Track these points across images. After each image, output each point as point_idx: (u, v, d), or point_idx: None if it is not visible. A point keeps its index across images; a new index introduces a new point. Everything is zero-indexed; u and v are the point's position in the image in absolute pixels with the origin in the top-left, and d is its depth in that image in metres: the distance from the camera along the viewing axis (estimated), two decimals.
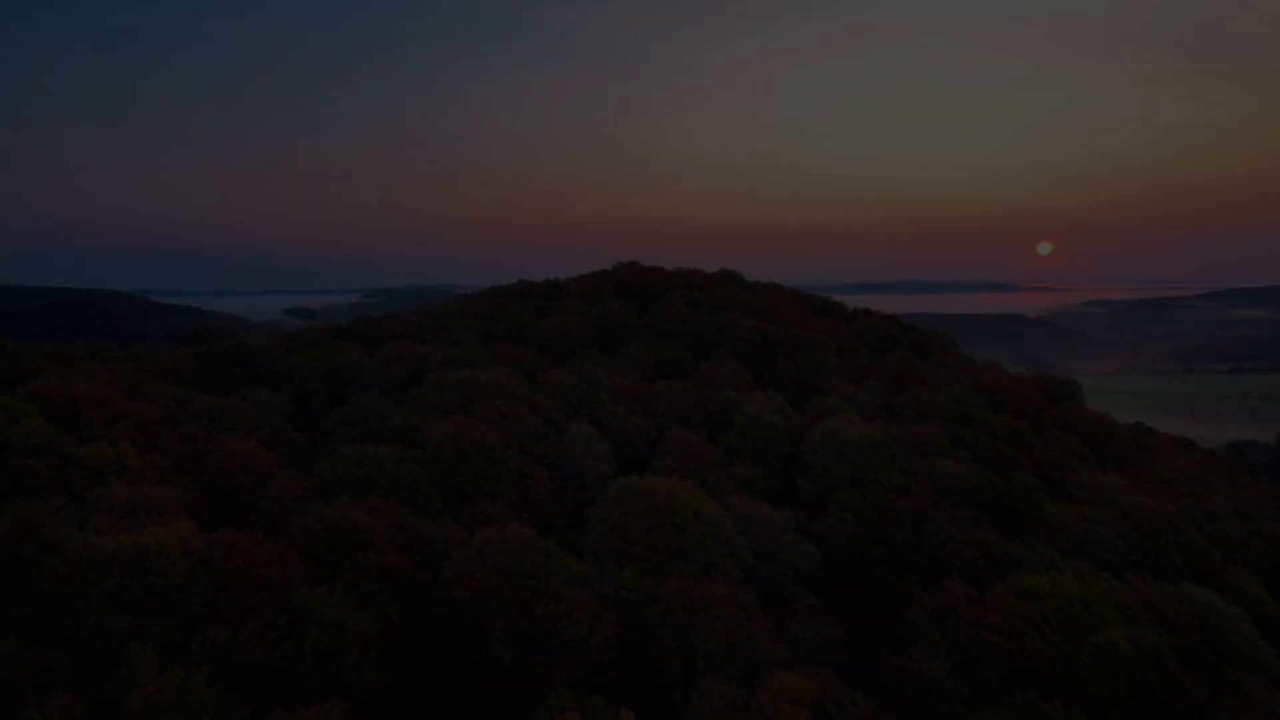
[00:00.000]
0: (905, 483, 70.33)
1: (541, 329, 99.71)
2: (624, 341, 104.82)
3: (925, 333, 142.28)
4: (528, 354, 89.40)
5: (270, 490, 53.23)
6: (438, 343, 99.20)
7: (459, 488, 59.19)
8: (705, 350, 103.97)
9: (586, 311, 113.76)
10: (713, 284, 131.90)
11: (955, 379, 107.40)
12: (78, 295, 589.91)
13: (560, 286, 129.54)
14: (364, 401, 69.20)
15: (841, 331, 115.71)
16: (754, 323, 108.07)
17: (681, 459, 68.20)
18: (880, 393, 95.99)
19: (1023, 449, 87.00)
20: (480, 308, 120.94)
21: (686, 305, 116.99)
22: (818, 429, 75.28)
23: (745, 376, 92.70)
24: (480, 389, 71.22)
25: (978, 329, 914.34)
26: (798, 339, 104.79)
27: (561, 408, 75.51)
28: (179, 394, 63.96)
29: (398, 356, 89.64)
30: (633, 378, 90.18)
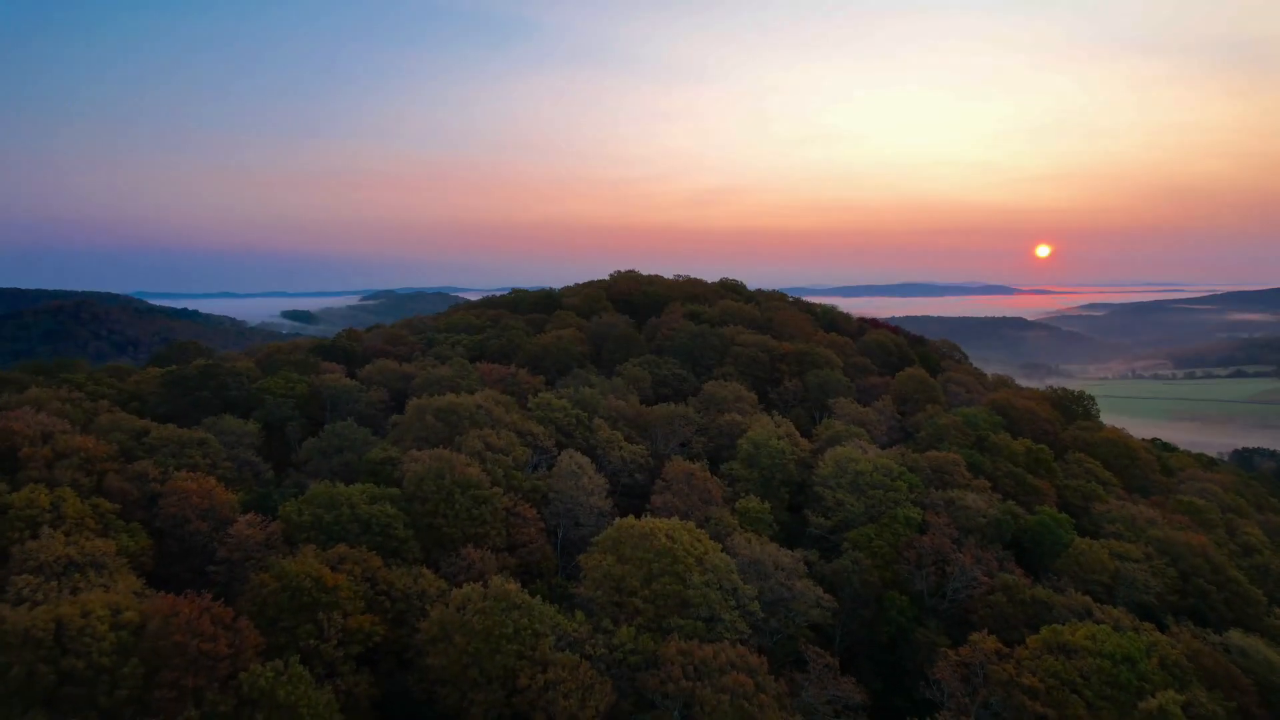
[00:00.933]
0: (923, 518, 65.20)
1: (535, 346, 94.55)
2: (621, 358, 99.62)
3: (934, 345, 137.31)
4: (518, 375, 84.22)
5: (228, 538, 48.01)
6: (425, 360, 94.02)
7: (439, 530, 54.01)
8: (707, 367, 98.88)
9: (582, 326, 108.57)
10: (714, 296, 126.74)
11: (968, 396, 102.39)
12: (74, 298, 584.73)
13: (555, 298, 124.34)
14: (339, 431, 63.99)
15: (849, 346, 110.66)
16: (757, 338, 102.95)
17: (682, 493, 63.07)
18: (892, 413, 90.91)
19: (1044, 474, 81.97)
20: (472, 321, 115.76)
21: (687, 318, 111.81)
22: (828, 457, 70.17)
23: (749, 396, 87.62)
24: (466, 416, 66.03)
25: (977, 332, 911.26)
26: (804, 355, 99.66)
27: (553, 435, 70.35)
28: (136, 425, 58.70)
29: (381, 377, 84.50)
30: (630, 399, 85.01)
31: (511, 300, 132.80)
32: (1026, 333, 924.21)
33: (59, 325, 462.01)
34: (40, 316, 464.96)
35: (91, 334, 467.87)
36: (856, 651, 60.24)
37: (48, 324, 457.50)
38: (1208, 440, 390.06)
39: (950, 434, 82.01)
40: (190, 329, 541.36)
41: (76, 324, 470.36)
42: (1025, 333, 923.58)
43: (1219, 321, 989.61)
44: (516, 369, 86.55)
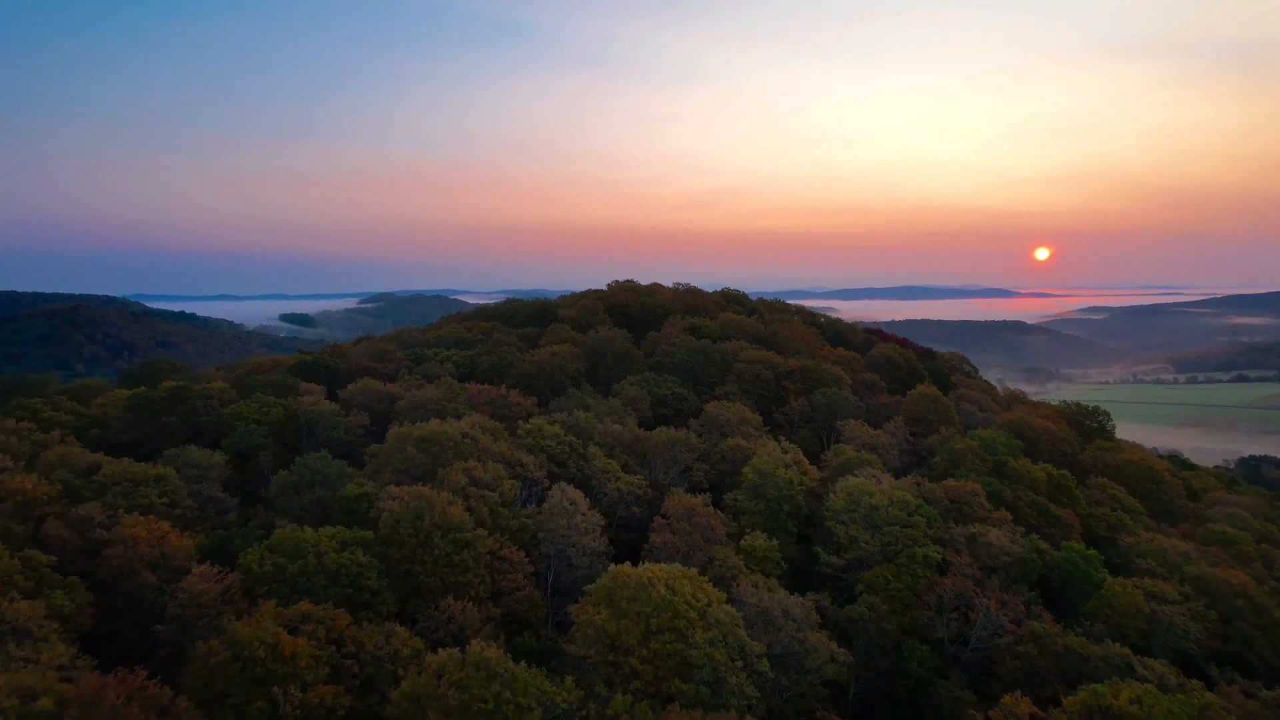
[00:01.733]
0: (943, 557, 60.37)
1: (527, 364, 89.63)
2: (619, 375, 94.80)
3: (944, 358, 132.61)
4: (509, 396, 79.32)
5: (180, 592, 43.10)
6: (412, 379, 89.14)
7: (417, 579, 49.11)
8: (709, 385, 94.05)
9: (578, 340, 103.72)
10: (715, 308, 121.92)
11: (982, 416, 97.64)
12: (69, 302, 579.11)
13: (551, 309, 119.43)
14: (312, 464, 59.03)
15: (857, 362, 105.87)
16: (761, 354, 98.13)
17: (683, 531, 58.19)
18: (904, 435, 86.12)
19: (1067, 503, 77.21)
20: (463, 334, 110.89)
21: (687, 332, 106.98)
22: (840, 489, 65.31)
23: (753, 418, 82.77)
24: (450, 447, 61.15)
25: (978, 336, 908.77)
26: (810, 373, 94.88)
27: (545, 465, 65.48)
28: (86, 460, 53.79)
29: (363, 399, 79.58)
30: (628, 422, 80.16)
31: (505, 311, 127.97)
32: (1026, 336, 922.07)
33: (54, 329, 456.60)
34: (35, 320, 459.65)
35: (86, 338, 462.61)
36: (873, 705, 55.43)
37: (42, 328, 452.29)
38: (1211, 447, 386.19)
39: (967, 459, 77.23)
40: (187, 333, 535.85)
41: (71, 328, 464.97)
42: (1025, 336, 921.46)
43: (1219, 325, 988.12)
44: (507, 390, 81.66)
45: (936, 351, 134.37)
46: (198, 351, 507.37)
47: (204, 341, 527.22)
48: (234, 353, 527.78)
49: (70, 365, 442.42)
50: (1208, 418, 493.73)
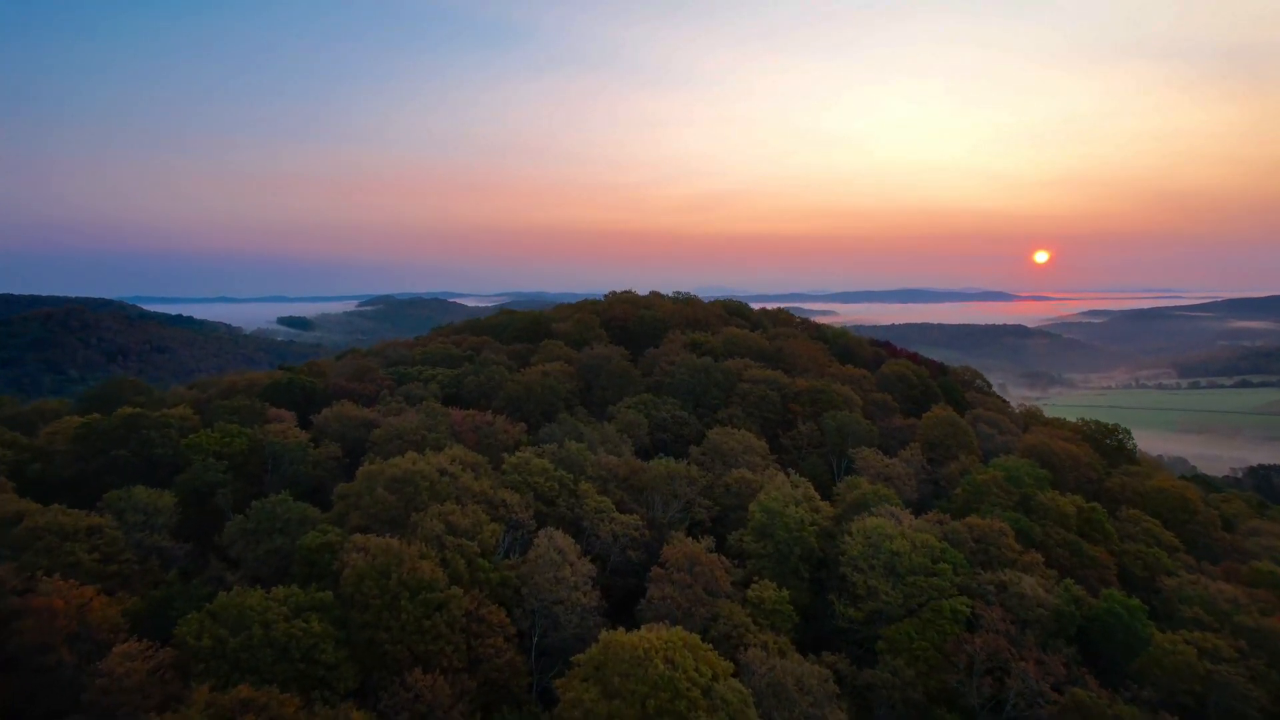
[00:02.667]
0: (973, 610, 54.42)
1: (517, 385, 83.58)
2: (615, 396, 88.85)
3: (956, 374, 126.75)
4: (496, 423, 73.24)
5: (99, 674, 37.04)
6: (393, 402, 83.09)
7: (381, 647, 43.06)
8: (711, 407, 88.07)
9: (572, 358, 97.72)
10: (717, 321, 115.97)
11: (1002, 440, 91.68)
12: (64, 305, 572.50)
13: (544, 323, 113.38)
14: (270, 509, 52.86)
15: (867, 381, 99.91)
16: (767, 373, 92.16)
17: (683, 584, 52.15)
18: (921, 464, 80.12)
19: (1100, 539, 71.30)
20: (451, 350, 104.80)
21: (688, 349, 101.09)
22: (856, 532, 59.29)
23: (759, 446, 76.81)
24: (425, 487, 55.11)
25: (979, 340, 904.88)
26: (819, 394, 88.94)
27: (532, 504, 59.42)
28: (10, 509, 47.64)
29: (337, 426, 73.55)
30: (624, 449, 74.24)
31: (497, 324, 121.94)
32: (1027, 340, 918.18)
33: (48, 333, 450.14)
34: (29, 324, 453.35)
35: (80, 342, 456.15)
36: None
37: (36, 332, 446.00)
38: (1216, 453, 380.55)
39: (990, 492, 71.26)
40: (183, 336, 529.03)
41: (65, 332, 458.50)
42: (1026, 340, 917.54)
43: (1220, 329, 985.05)
44: (494, 415, 75.60)
45: (948, 366, 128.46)
46: (193, 356, 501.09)
47: (200, 345, 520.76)
48: (230, 357, 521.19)
49: (64, 369, 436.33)
50: (1212, 424, 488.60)
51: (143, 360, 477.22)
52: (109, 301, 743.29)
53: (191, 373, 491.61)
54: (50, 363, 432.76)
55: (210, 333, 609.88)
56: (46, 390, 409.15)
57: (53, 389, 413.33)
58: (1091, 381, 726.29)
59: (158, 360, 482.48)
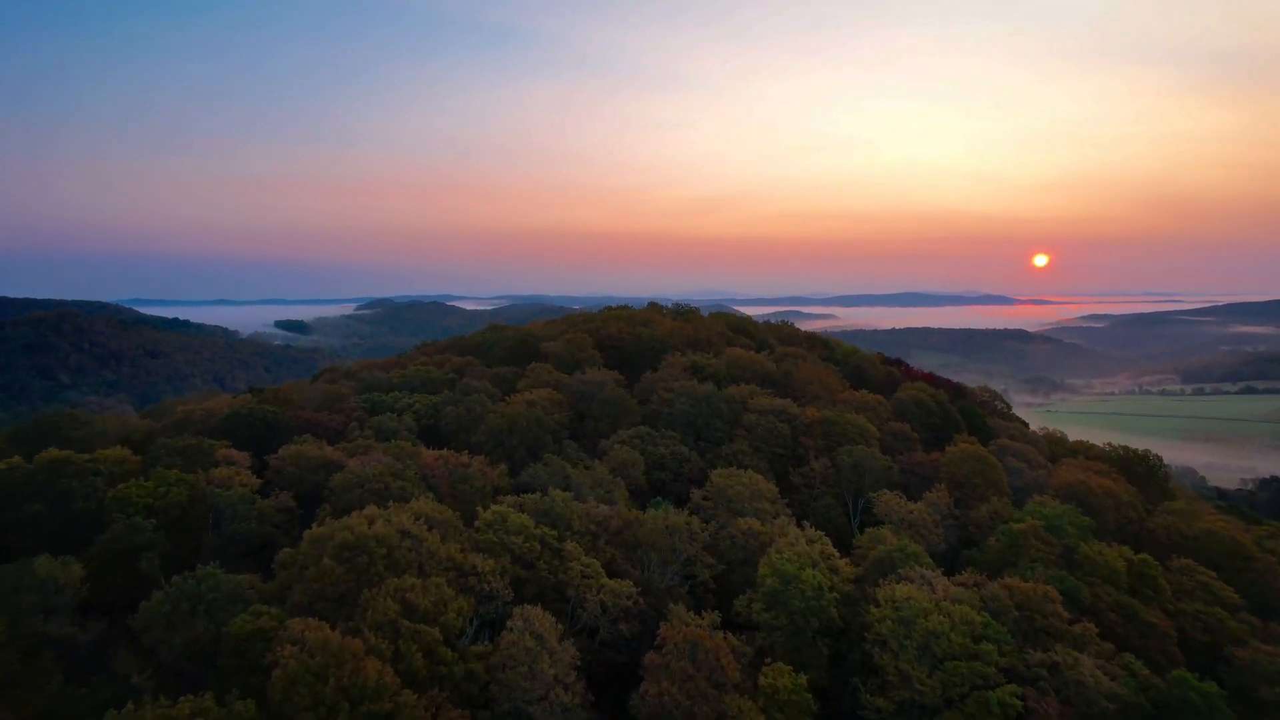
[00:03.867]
0: (1024, 702, 46.38)
1: (500, 418, 75.34)
2: (608, 428, 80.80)
3: (974, 395, 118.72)
4: (472, 466, 65.03)
5: None
6: (362, 436, 75.00)
7: None
8: (714, 441, 79.96)
9: (562, 383, 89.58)
10: (719, 340, 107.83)
11: (1032, 475, 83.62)
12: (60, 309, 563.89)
13: (533, 342, 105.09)
14: (191, 589, 44.62)
15: (883, 408, 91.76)
16: (774, 401, 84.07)
17: (684, 676, 44.01)
18: (947, 507, 72.06)
19: (1153, 595, 63.30)
20: (432, 373, 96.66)
21: (688, 372, 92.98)
22: (885, 602, 51.14)
23: (768, 489, 68.73)
24: (381, 555, 46.95)
25: (980, 345, 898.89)
26: (832, 425, 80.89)
27: (509, 569, 51.30)
28: None
29: (294, 470, 65.36)
30: (616, 493, 66.12)
31: (483, 342, 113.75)
32: (1028, 345, 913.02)
33: (39, 338, 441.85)
34: (20, 329, 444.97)
35: (72, 347, 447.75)
36: None
37: (28, 336, 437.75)
38: (1225, 462, 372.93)
39: (1029, 545, 63.18)
40: (177, 341, 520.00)
41: (57, 336, 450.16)
42: (1027, 345, 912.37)
43: (1222, 334, 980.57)
44: (471, 457, 67.38)
45: (966, 387, 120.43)
46: (187, 361, 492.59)
47: (194, 350, 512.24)
48: (225, 361, 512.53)
49: (55, 375, 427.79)
50: (1219, 432, 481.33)
51: (135, 365, 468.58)
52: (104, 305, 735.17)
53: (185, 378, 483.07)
54: (41, 368, 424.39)
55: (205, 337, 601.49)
56: (36, 396, 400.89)
57: (43, 394, 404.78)
58: (1094, 387, 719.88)
59: (150, 365, 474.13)
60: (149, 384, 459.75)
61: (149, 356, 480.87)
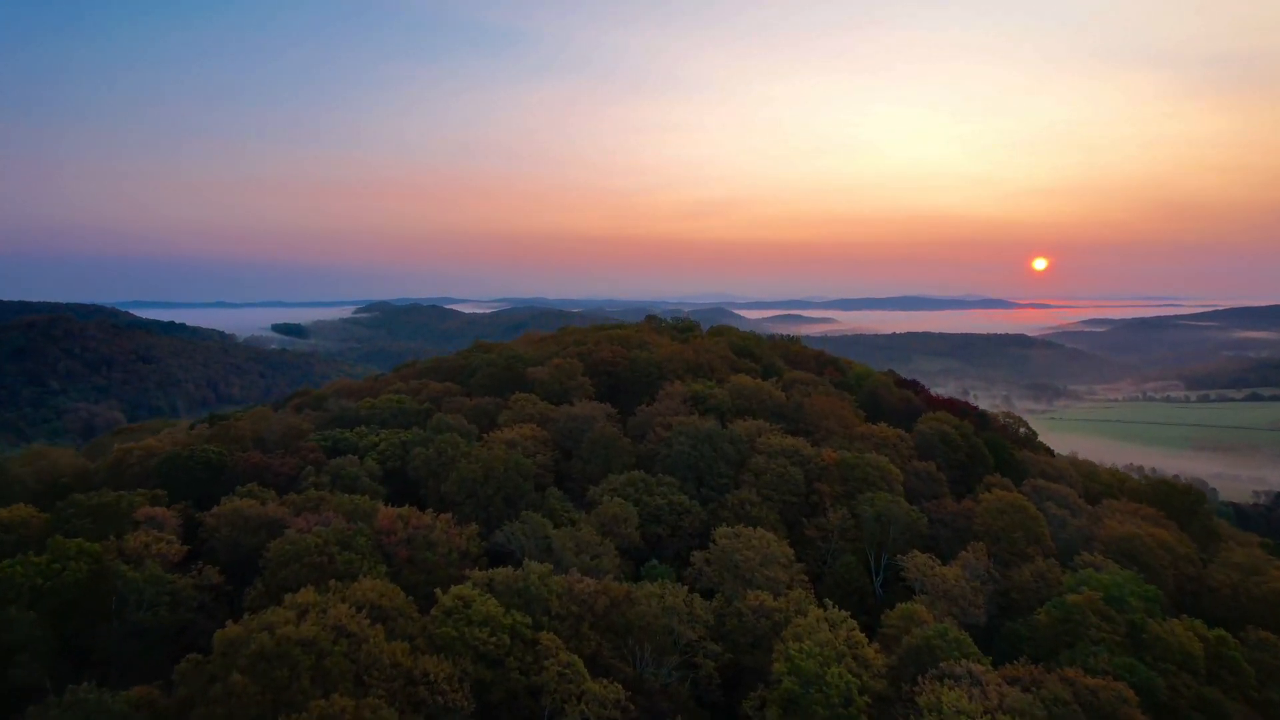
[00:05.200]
0: None
1: (474, 464, 65.81)
2: (598, 470, 71.54)
3: (996, 422, 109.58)
4: (436, 529, 55.59)
5: None
6: (311, 486, 65.56)
7: None
8: (718, 487, 70.61)
9: (548, 417, 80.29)
10: (722, 366, 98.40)
11: (1076, 526, 74.31)
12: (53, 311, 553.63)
13: (519, 367, 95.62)
14: (64, 712, 35.24)
15: (904, 444, 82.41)
16: (785, 440, 74.75)
17: None
18: (985, 570, 62.70)
19: (1233, 680, 54.07)
20: (405, 403, 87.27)
21: (689, 404, 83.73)
22: (927, 711, 41.92)
23: (782, 551, 59.36)
24: (309, 665, 37.64)
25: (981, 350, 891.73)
26: (851, 469, 71.64)
27: (470, 673, 41.98)
28: None
29: (229, 532, 55.94)
30: (606, 556, 56.78)
31: (465, 366, 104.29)
32: (1030, 351, 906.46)
33: (29, 342, 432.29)
34: (10, 333, 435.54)
35: (63, 352, 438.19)
36: None
37: (18, 341, 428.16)
38: (1234, 473, 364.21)
39: (1088, 623, 53.82)
40: (171, 345, 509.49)
41: (48, 341, 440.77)
42: (1029, 351, 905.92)
43: (1224, 339, 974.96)
44: (436, 517, 57.93)
45: (988, 414, 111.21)
46: (180, 366, 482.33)
47: (188, 355, 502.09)
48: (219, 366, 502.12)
49: (45, 381, 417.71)
50: (1226, 441, 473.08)
51: (127, 371, 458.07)
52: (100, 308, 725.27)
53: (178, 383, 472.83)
54: (31, 374, 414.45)
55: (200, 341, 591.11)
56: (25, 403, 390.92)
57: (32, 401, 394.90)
58: (1097, 393, 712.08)
59: (142, 371, 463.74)
60: (141, 389, 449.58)
61: (141, 361, 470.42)
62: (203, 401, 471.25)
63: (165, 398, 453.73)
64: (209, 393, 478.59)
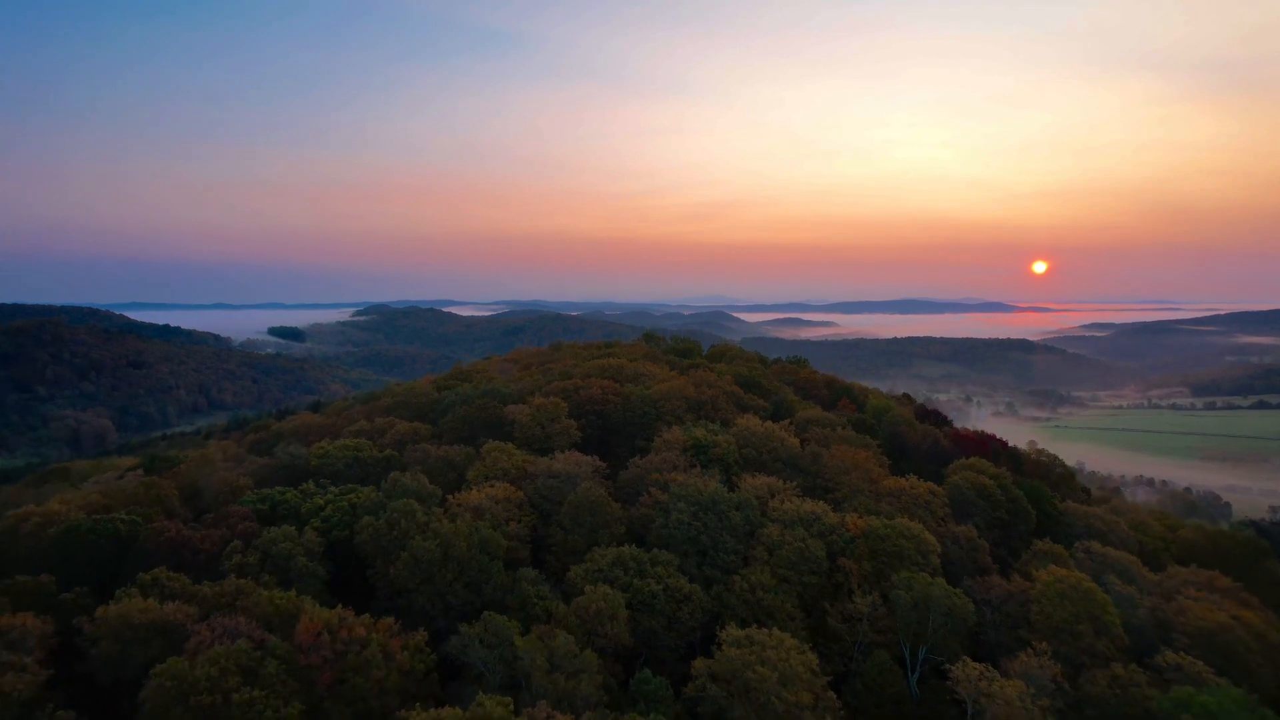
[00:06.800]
0: None
1: (430, 544, 54.38)
2: (581, 543, 60.20)
3: (1032, 462, 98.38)
4: (371, 644, 44.13)
5: None
6: (239, 562, 54.23)
7: None
8: (724, 565, 59.18)
9: (525, 470, 68.90)
10: (727, 404, 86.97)
11: (1149, 605, 63.06)
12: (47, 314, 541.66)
13: (495, 410, 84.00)
14: None
15: (936, 501, 71.06)
16: (803, 506, 63.31)
17: None
18: (1050, 677, 51.39)
19: None
20: (363, 450, 75.79)
21: (690, 454, 72.42)
22: None
23: (804, 663, 47.91)
24: None
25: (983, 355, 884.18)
26: (882, 542, 60.28)
27: None
28: None
29: (114, 648, 44.51)
30: (585, 676, 45.38)
31: (437, 402, 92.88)
32: (1032, 356, 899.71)
33: (18, 348, 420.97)
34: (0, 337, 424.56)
35: (51, 358, 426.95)
36: None
37: (5, 346, 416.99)
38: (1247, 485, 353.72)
39: None
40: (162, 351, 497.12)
41: (37, 346, 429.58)
42: (1031, 356, 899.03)
43: (1227, 344, 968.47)
44: (374, 622, 46.59)
45: (1021, 453, 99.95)
46: (171, 372, 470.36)
47: (179, 360, 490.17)
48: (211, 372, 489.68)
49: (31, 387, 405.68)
50: (1236, 450, 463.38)
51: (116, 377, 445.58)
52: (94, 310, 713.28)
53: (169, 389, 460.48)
54: (17, 381, 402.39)
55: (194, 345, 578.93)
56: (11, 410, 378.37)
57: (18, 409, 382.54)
58: (1101, 400, 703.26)
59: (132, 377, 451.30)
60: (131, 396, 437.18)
61: (131, 367, 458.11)
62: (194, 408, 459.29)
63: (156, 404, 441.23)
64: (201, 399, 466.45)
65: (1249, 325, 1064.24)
